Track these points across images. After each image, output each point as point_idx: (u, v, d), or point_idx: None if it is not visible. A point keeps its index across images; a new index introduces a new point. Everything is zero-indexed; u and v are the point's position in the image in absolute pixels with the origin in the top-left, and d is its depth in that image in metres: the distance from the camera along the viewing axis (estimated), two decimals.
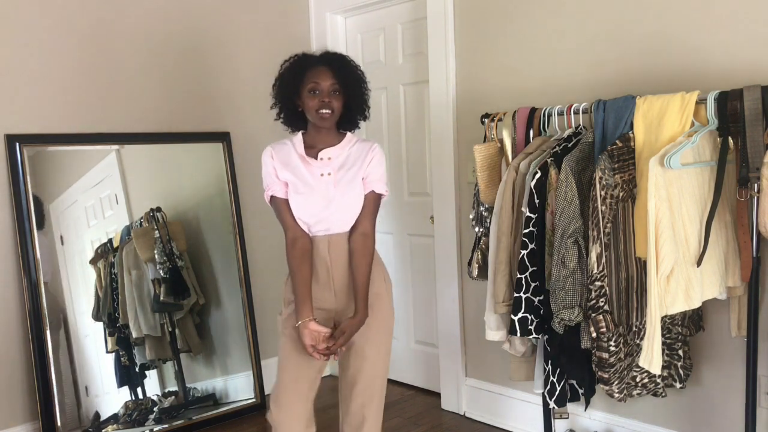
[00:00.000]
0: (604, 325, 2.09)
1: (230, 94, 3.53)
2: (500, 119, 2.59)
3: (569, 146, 2.29)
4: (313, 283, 2.10)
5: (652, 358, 1.97)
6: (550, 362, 2.34)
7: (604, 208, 2.07)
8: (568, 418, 2.57)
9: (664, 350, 2.28)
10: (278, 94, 2.12)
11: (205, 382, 3.30)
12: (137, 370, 3.11)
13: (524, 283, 2.27)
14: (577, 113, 2.39)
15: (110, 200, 3.12)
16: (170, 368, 3.20)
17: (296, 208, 2.07)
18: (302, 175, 2.08)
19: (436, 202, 3.30)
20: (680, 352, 2.33)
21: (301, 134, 2.14)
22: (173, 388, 3.20)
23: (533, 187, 2.25)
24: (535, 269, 2.26)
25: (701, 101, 2.10)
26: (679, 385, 2.36)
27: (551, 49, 2.78)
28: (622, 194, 2.12)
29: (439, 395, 3.44)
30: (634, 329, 2.20)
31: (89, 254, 3.04)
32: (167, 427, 3.12)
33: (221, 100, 3.50)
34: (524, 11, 2.86)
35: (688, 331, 2.35)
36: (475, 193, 2.67)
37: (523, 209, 2.32)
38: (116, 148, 3.13)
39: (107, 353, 3.04)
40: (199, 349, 3.29)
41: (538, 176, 2.25)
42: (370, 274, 2.10)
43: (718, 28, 2.33)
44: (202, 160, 3.40)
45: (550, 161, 2.25)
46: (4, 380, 2.85)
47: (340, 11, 3.72)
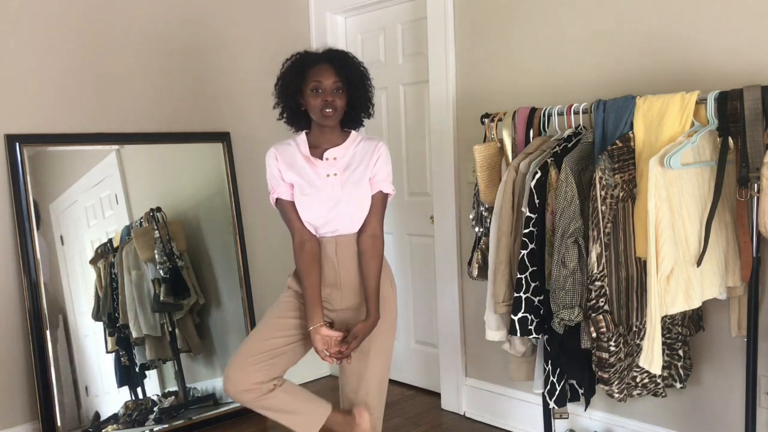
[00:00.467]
0: (604, 325, 2.09)
1: (230, 94, 3.53)
2: (500, 119, 2.59)
3: (569, 146, 2.29)
4: (321, 285, 2.08)
5: (652, 358, 1.97)
6: (550, 362, 2.34)
7: (604, 208, 2.07)
8: (568, 418, 2.57)
9: (664, 350, 2.28)
10: (280, 93, 2.09)
11: (205, 382, 3.30)
12: (137, 370, 3.11)
13: (524, 283, 2.27)
14: (577, 113, 2.39)
15: (110, 200, 3.12)
16: (170, 368, 3.20)
17: (303, 209, 2.04)
18: (308, 176, 2.05)
19: (436, 202, 3.30)
20: (680, 352, 2.33)
21: (304, 134, 2.12)
22: (173, 388, 3.20)
23: (533, 187, 2.25)
24: (535, 269, 2.26)
25: (701, 101, 2.10)
26: (679, 385, 2.36)
27: (551, 49, 2.78)
28: (622, 194, 2.12)
29: (439, 395, 3.44)
30: (634, 329, 2.20)
31: (89, 254, 3.04)
32: (167, 427, 3.12)
33: (221, 100, 3.50)
34: (524, 11, 2.86)
35: (688, 331, 2.35)
36: (475, 193, 2.67)
37: (523, 209, 2.32)
38: (116, 148, 3.13)
39: (107, 353, 3.04)
40: (199, 349, 3.29)
41: (538, 176, 2.25)
42: (380, 275, 2.08)
43: (718, 28, 2.33)
44: (202, 160, 3.40)
45: (550, 161, 2.25)
46: (4, 380, 2.85)
47: (340, 11, 3.72)
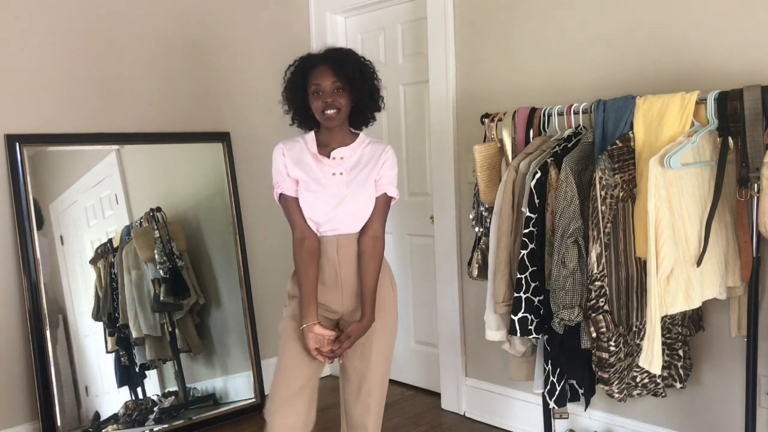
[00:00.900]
0: (604, 325, 2.09)
1: (230, 94, 3.53)
2: (500, 119, 2.59)
3: (569, 146, 2.29)
4: (320, 284, 2.07)
5: (652, 358, 1.97)
6: (550, 362, 2.34)
7: (604, 208, 2.07)
8: (568, 418, 2.57)
9: (664, 350, 2.28)
10: (288, 100, 2.09)
11: (205, 382, 3.30)
12: (137, 370, 3.11)
13: (524, 283, 2.27)
14: (577, 113, 2.39)
15: (110, 200, 3.11)
16: (170, 368, 3.20)
17: (306, 206, 2.03)
18: (314, 173, 2.04)
19: (436, 202, 3.30)
20: (680, 352, 2.33)
21: (313, 132, 2.11)
22: (173, 388, 3.20)
23: (533, 187, 2.25)
24: (535, 269, 2.26)
25: (701, 101, 2.10)
26: (679, 385, 2.36)
27: (551, 49, 2.78)
28: (622, 194, 2.12)
29: (439, 395, 3.44)
30: (634, 329, 2.20)
31: (89, 254, 3.04)
32: (167, 427, 3.12)
33: (221, 100, 3.50)
34: (524, 11, 2.86)
35: (688, 331, 2.35)
36: (475, 193, 2.67)
37: (523, 209, 2.32)
38: (116, 148, 3.13)
39: (107, 353, 3.04)
40: (199, 349, 3.29)
41: (538, 176, 2.25)
42: (378, 277, 2.08)
43: (718, 28, 2.33)
44: (202, 160, 3.40)
45: (550, 161, 2.25)
46: (4, 380, 2.85)
47: (340, 11, 3.72)
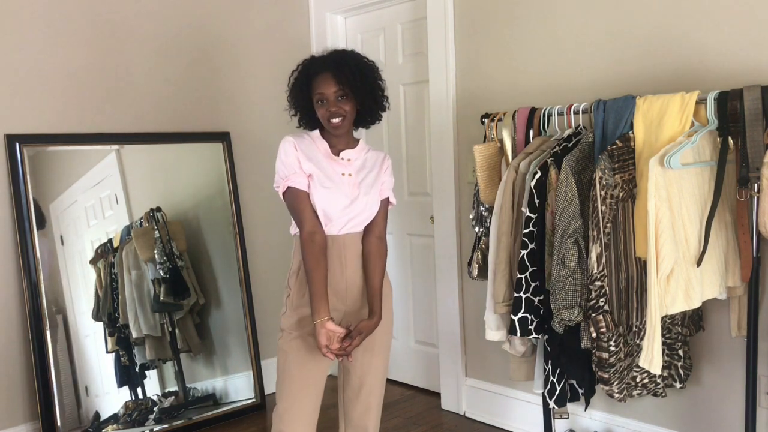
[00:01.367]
0: (604, 325, 2.09)
1: (230, 94, 3.53)
2: (500, 119, 2.59)
3: (569, 146, 2.29)
4: None
5: (652, 358, 1.97)
6: (550, 362, 2.34)
7: (604, 208, 2.07)
8: (568, 418, 2.57)
9: (664, 350, 2.28)
10: (293, 105, 2.10)
11: (205, 382, 3.30)
12: (137, 370, 3.11)
13: (524, 283, 2.27)
14: (577, 113, 2.39)
15: (110, 200, 3.11)
16: (170, 368, 3.20)
17: (323, 201, 2.01)
18: (327, 170, 2.05)
19: (436, 202, 3.30)
20: (680, 352, 2.33)
21: (318, 131, 2.11)
22: (173, 388, 3.20)
23: (533, 187, 2.25)
24: (535, 269, 2.26)
25: (701, 101, 2.10)
26: (679, 385, 2.36)
27: (551, 49, 2.78)
28: (622, 194, 2.12)
29: (439, 395, 3.44)
30: (634, 329, 2.20)
31: (89, 254, 3.04)
32: (167, 427, 3.12)
33: (221, 100, 3.50)
34: (524, 11, 2.86)
35: (688, 331, 2.35)
36: (475, 193, 2.67)
37: (523, 209, 2.32)
38: (116, 148, 3.13)
39: (107, 353, 3.04)
40: (199, 349, 3.29)
41: (538, 176, 2.25)
42: (383, 277, 2.12)
43: (718, 28, 2.33)
44: (202, 160, 3.40)
45: (550, 161, 2.25)
46: (4, 380, 2.85)
47: (340, 11, 3.72)
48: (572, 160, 2.19)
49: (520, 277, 2.27)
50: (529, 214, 2.27)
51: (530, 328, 2.29)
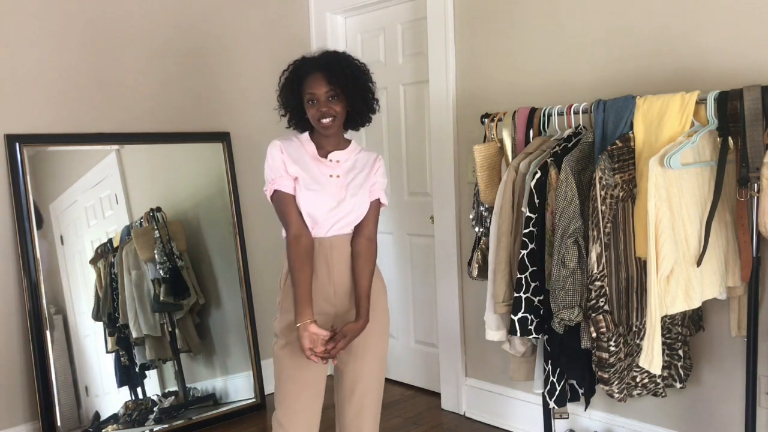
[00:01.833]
0: (604, 325, 2.09)
1: (230, 94, 3.53)
2: (500, 119, 2.59)
3: (569, 146, 2.29)
4: (312, 285, 2.06)
5: (652, 358, 1.97)
6: (550, 362, 2.34)
7: (604, 208, 2.07)
8: (568, 418, 2.57)
9: (664, 350, 2.28)
10: (283, 105, 2.10)
11: (205, 382, 3.30)
12: (137, 370, 3.11)
13: (524, 283, 2.27)
14: (577, 113, 2.39)
15: (110, 200, 3.11)
16: (170, 368, 3.20)
17: (306, 203, 2.02)
18: (313, 172, 2.04)
19: (436, 202, 3.30)
20: (680, 352, 2.33)
21: (308, 134, 2.12)
22: (173, 388, 3.20)
23: (533, 187, 2.25)
24: (535, 269, 2.26)
25: (701, 101, 2.10)
26: (679, 385, 2.36)
27: (551, 49, 2.78)
28: (622, 194, 2.12)
29: (439, 395, 3.44)
30: (634, 329, 2.20)
31: (89, 254, 3.04)
32: (167, 427, 3.12)
33: (221, 100, 3.50)
34: (524, 11, 2.86)
35: (688, 331, 2.35)
36: (475, 193, 2.67)
37: (523, 209, 2.32)
38: (116, 148, 3.13)
39: (107, 353, 3.04)
40: (199, 349, 3.29)
41: (538, 176, 2.25)
42: (372, 279, 2.09)
43: (718, 28, 2.33)
44: (202, 160, 3.40)
45: (550, 161, 2.25)
46: (4, 380, 2.85)
47: (340, 11, 3.72)
48: (572, 160, 2.19)
49: (520, 277, 2.27)
50: (529, 214, 2.27)
51: (530, 328, 2.29)
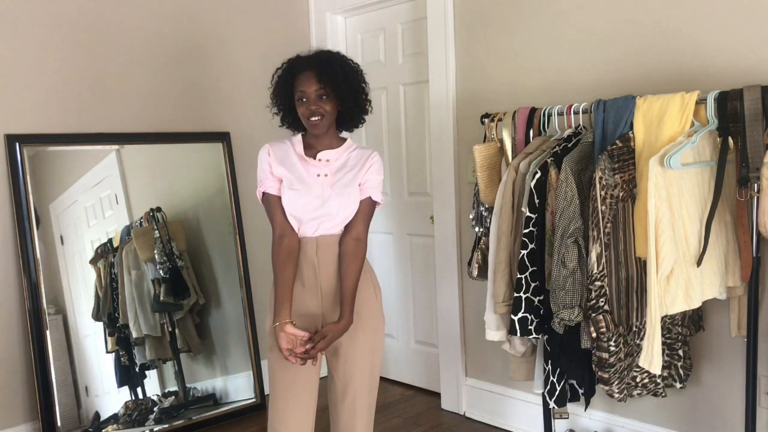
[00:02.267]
0: (604, 325, 2.09)
1: (230, 94, 3.53)
2: (500, 119, 2.59)
3: (569, 146, 2.29)
4: (298, 285, 2.04)
5: (652, 358, 1.97)
6: (550, 362, 2.34)
7: (604, 208, 2.07)
8: (568, 418, 2.57)
9: (664, 350, 2.28)
10: (276, 104, 2.10)
11: (205, 382, 3.30)
12: (137, 370, 3.11)
13: (524, 283, 2.27)
14: (577, 113, 2.39)
15: (110, 200, 3.12)
16: (170, 368, 3.20)
17: (289, 203, 2.02)
18: (298, 172, 2.04)
19: (436, 202, 3.30)
20: (680, 352, 2.33)
21: (300, 135, 2.12)
22: (173, 388, 3.20)
23: (533, 187, 2.25)
24: (535, 269, 2.26)
25: (701, 101, 2.10)
26: (679, 385, 2.36)
27: (551, 49, 2.78)
28: (622, 194, 2.12)
29: (439, 395, 3.44)
30: (634, 329, 2.20)
31: (89, 254, 3.04)
32: (167, 427, 3.12)
33: (221, 100, 3.50)
34: (524, 12, 2.86)
35: (688, 331, 2.35)
36: (475, 193, 2.67)
37: (523, 209, 2.32)
38: (116, 148, 3.13)
39: (107, 353, 3.04)
40: (199, 349, 3.29)
41: (538, 176, 2.25)
42: (358, 279, 2.04)
43: (718, 28, 2.33)
44: (202, 160, 3.40)
45: (550, 161, 2.25)
46: (4, 380, 2.85)
47: (340, 11, 3.72)
48: (572, 160, 2.19)
49: (520, 277, 2.27)
50: (529, 214, 2.27)
51: (530, 328, 2.29)
